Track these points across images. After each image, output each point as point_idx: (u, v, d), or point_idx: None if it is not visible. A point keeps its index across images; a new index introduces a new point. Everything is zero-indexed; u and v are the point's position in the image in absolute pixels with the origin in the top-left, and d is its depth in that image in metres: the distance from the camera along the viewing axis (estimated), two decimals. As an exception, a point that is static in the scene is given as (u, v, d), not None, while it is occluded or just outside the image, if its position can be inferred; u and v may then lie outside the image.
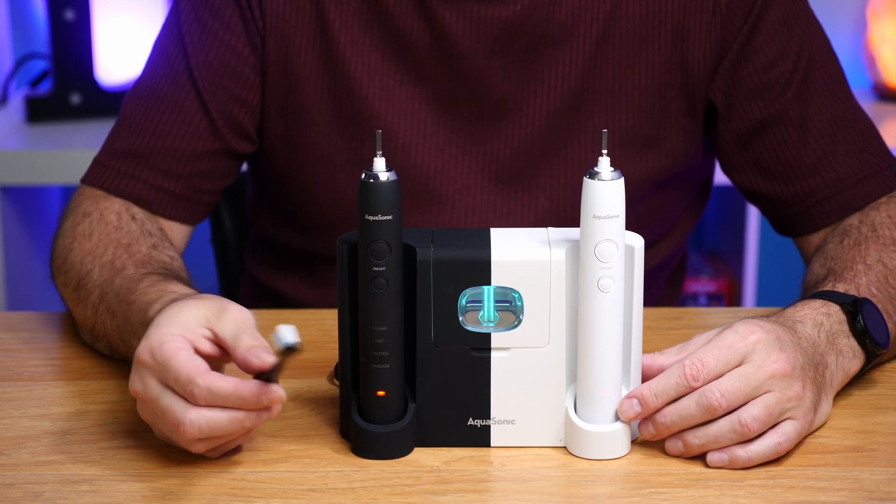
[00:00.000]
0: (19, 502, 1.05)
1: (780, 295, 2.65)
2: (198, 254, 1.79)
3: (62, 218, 1.40)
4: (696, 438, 1.09)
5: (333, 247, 1.10)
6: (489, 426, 1.12)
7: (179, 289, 1.18)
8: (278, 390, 1.05)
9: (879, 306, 1.23)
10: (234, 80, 1.41)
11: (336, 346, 1.13)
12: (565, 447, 1.13)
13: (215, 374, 1.04)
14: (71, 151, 2.49)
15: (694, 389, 1.09)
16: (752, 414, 1.08)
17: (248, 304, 1.13)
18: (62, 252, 1.35)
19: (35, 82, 2.84)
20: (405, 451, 1.12)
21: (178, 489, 1.07)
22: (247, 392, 1.04)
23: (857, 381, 1.25)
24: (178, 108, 1.41)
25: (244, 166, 1.50)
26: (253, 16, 1.40)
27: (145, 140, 1.41)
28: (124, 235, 1.31)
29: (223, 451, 1.10)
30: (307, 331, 1.30)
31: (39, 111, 2.68)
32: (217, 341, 1.08)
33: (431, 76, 1.41)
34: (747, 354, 1.10)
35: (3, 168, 2.53)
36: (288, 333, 1.01)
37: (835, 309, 1.20)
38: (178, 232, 1.42)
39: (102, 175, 1.41)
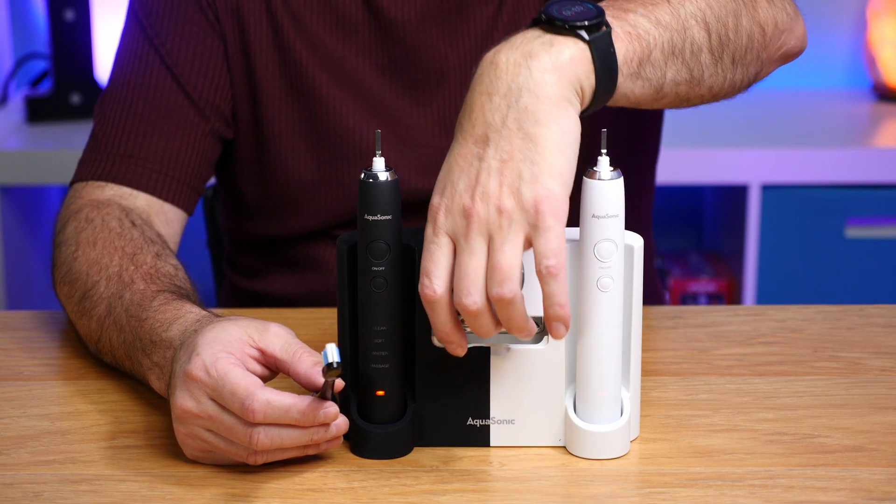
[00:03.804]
0: (19, 502, 1.05)
1: (780, 295, 2.65)
2: (193, 257, 1.79)
3: (61, 222, 1.38)
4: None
5: (301, 224, 1.09)
6: (489, 426, 1.12)
7: (196, 310, 1.18)
8: (334, 406, 1.05)
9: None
10: (203, 63, 1.44)
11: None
12: (565, 447, 1.13)
13: (272, 389, 1.05)
14: (71, 151, 2.49)
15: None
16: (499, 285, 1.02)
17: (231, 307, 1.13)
18: (66, 260, 1.33)
19: (35, 82, 2.84)
20: (405, 451, 1.12)
21: (178, 489, 1.07)
22: (305, 406, 1.04)
23: (857, 380, 1.25)
24: (159, 93, 1.43)
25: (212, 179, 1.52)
26: (208, 1, 1.44)
27: (135, 127, 1.42)
28: (128, 244, 1.30)
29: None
30: (307, 330, 1.30)
31: (39, 111, 2.69)
32: (265, 359, 1.09)
33: (371, 46, 1.45)
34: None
35: (3, 168, 2.53)
36: (332, 352, 1.01)
37: (530, 34, 1.09)
38: (175, 221, 1.43)
39: (96, 168, 1.42)
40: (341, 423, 1.07)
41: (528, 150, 1.04)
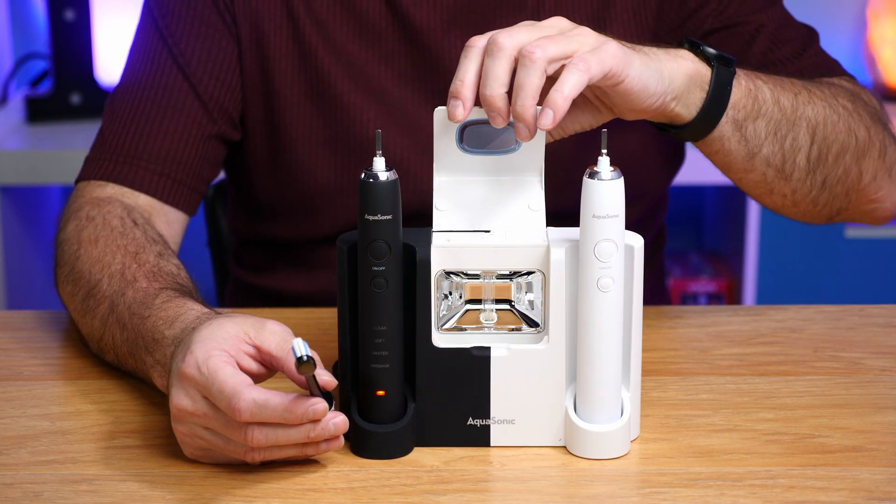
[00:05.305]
0: (19, 502, 1.05)
1: (780, 295, 2.65)
2: (194, 256, 1.79)
3: (63, 221, 1.38)
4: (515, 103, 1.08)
5: (316, 228, 1.09)
6: (489, 426, 1.12)
7: (198, 307, 1.18)
8: (322, 403, 1.05)
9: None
10: (216, 65, 1.44)
11: (336, 345, 1.14)
12: (565, 447, 1.13)
13: (260, 388, 1.04)
14: (71, 151, 2.50)
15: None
16: (529, 41, 1.09)
17: (237, 307, 1.13)
18: (68, 259, 1.33)
19: (35, 82, 2.84)
20: (405, 451, 1.12)
21: (178, 489, 1.07)
22: (290, 403, 1.04)
23: (857, 380, 1.25)
24: (168, 93, 1.43)
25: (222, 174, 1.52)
26: (226, 2, 1.43)
27: (141, 127, 1.42)
28: (130, 243, 1.30)
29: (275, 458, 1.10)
30: (307, 330, 1.30)
31: (39, 111, 2.69)
32: (261, 356, 1.08)
33: (395, 54, 1.43)
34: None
35: (3, 168, 2.53)
36: (300, 346, 1.01)
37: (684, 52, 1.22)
38: (175, 222, 1.42)
39: (100, 168, 1.42)
40: (340, 422, 1.06)
41: (620, 46, 1.11)
